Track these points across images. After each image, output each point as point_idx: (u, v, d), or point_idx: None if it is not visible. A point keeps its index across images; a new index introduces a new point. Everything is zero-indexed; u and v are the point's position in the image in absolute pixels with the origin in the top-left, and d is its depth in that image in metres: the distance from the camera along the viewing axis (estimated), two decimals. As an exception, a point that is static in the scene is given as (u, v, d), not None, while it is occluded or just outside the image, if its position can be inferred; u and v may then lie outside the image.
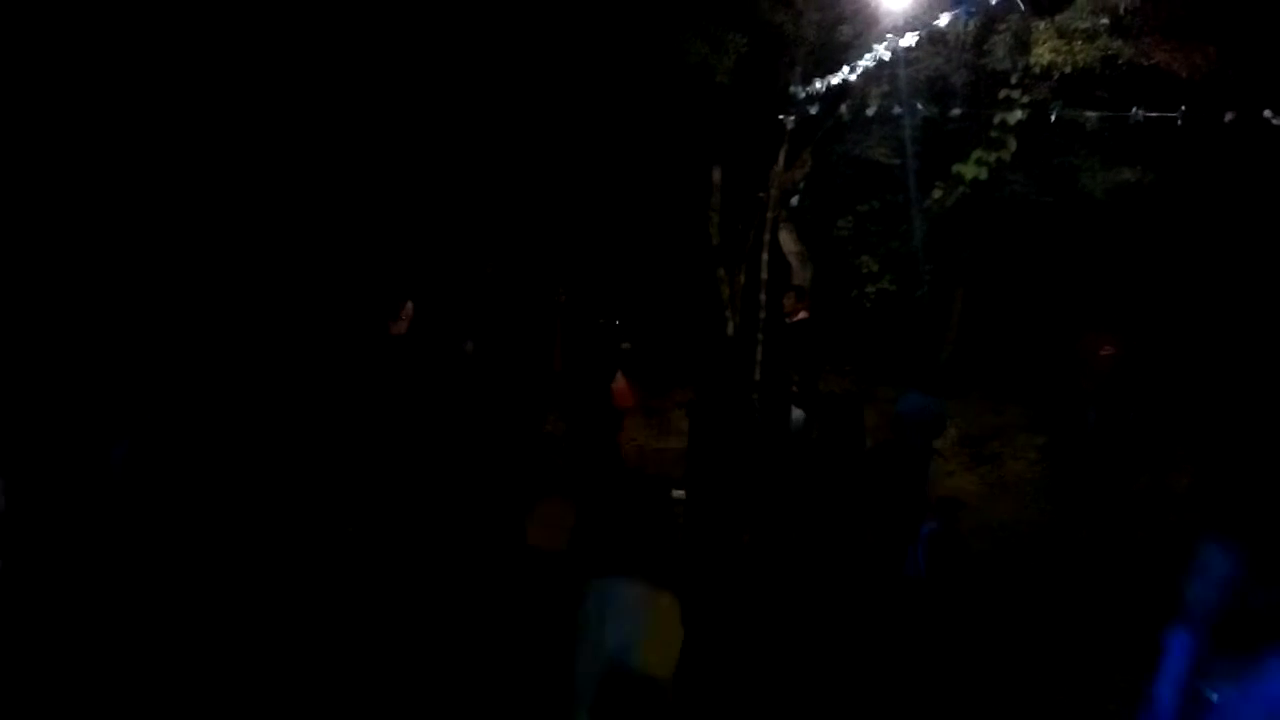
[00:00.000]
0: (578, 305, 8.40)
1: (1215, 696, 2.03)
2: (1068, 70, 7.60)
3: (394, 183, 8.42)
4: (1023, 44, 7.83)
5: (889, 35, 7.51)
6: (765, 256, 9.06)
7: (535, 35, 8.51)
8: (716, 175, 9.37)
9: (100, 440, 4.81)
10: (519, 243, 8.76)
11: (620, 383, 7.88)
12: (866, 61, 7.85)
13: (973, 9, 7.34)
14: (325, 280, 7.35)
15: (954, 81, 8.37)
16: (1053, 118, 8.02)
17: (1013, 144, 8.22)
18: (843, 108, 8.71)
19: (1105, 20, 7.46)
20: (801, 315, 8.29)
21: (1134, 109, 7.67)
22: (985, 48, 8.02)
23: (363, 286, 7.05)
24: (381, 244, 8.02)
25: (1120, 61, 7.59)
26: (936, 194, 8.87)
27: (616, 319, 8.12)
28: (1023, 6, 7.72)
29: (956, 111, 8.32)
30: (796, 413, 7.81)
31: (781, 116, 8.81)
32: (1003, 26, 7.88)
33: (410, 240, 8.21)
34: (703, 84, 8.55)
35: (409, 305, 6.62)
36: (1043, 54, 7.58)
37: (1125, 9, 7.35)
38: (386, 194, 8.39)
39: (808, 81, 8.59)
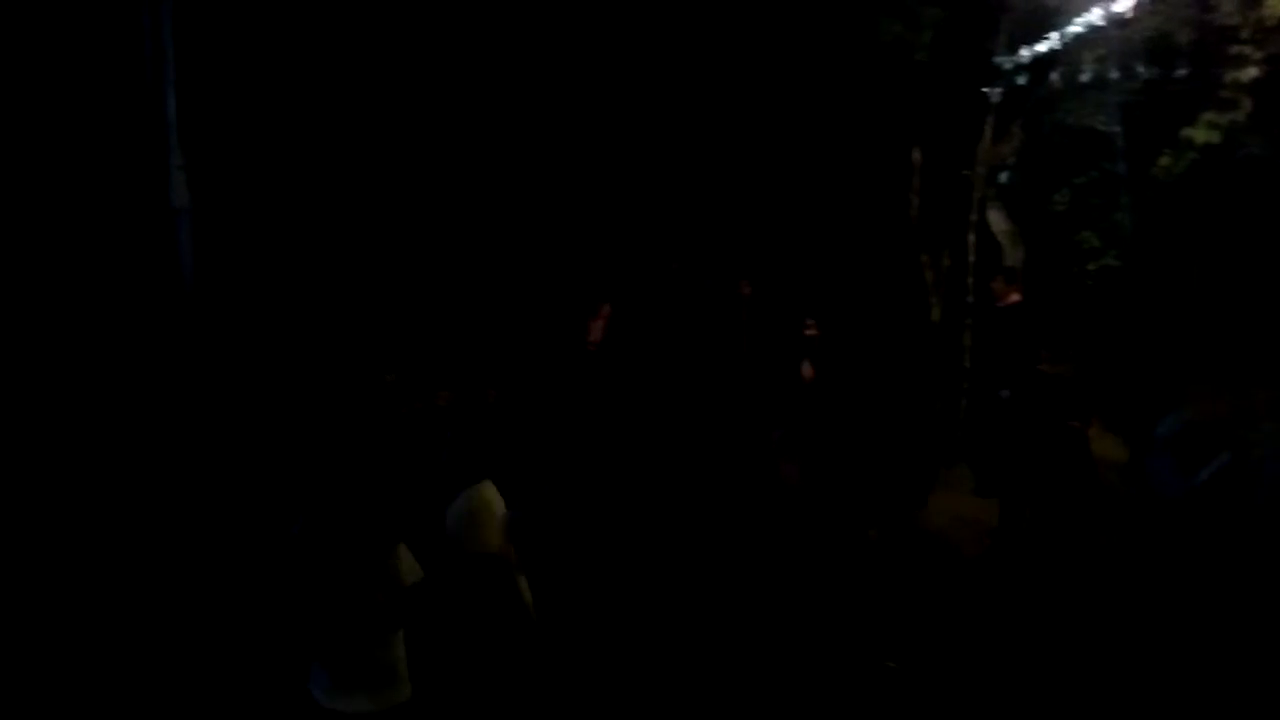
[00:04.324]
0: (765, 297, 8.79)
1: None
2: (1307, 20, 7.42)
3: (572, 172, 8.98)
4: (1254, -5, 7.70)
5: (1101, -4, 7.57)
6: (972, 238, 9.19)
7: (726, 19, 8.97)
8: (916, 156, 9.55)
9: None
10: (702, 234, 9.21)
11: (809, 369, 8.31)
12: (1078, 27, 7.92)
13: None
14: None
15: (1177, 40, 8.26)
16: (1291, 73, 7.83)
17: (1247, 104, 8.05)
18: (1053, 76, 8.75)
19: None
20: (1014, 298, 8.40)
21: (1386, 59, 7.41)
22: (1211, 2, 7.91)
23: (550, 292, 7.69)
24: (559, 245, 8.62)
25: (1369, 7, 7.36)
26: (1164, 161, 8.75)
27: (809, 308, 8.49)
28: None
29: (1181, 72, 8.23)
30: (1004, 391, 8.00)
31: (986, 89, 8.93)
32: (1231, -22, 7.77)
33: (589, 239, 8.78)
34: (899, 62, 8.80)
35: (606, 307, 7.18)
36: (1277, 4, 7.43)
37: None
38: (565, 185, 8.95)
39: (1013, 50, 8.69)
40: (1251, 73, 7.86)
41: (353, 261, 7.36)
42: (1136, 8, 7.71)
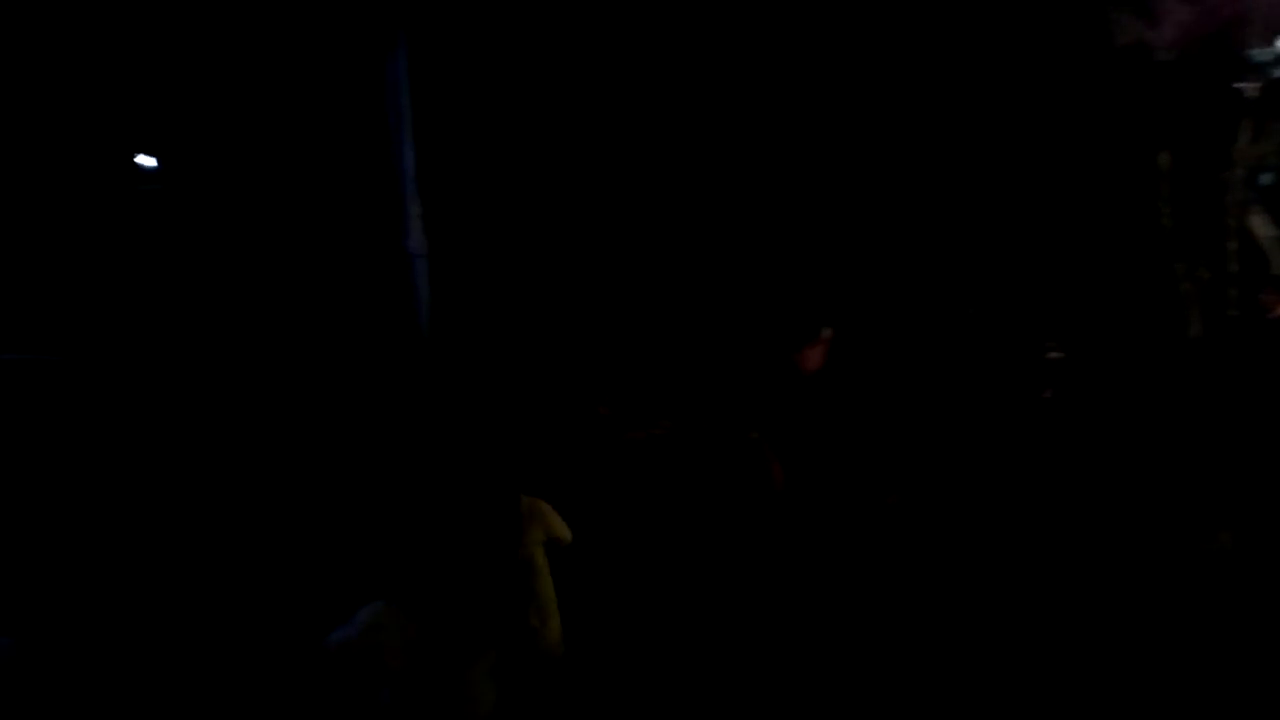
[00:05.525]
0: (992, 317, 8.51)
1: None
2: None
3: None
4: None
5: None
6: (1233, 246, 8.58)
7: (954, 25, 8.84)
8: (1165, 160, 9.02)
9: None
10: (929, 251, 9.03)
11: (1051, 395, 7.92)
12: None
13: None
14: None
15: None
16: None
17: None
18: (1318, 66, 8.09)
19: None
20: (1285, 310, 7.77)
21: None
22: None
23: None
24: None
25: None
26: None
27: (1045, 327, 8.12)
28: None
29: None
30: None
31: (1240, 85, 8.36)
32: None
33: (808, 257, 8.75)
34: (1139, 62, 8.41)
35: (828, 331, 7.13)
36: None
37: None
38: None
39: (1269, 41, 8.11)
40: None
41: (574, 297, 7.77)
42: None
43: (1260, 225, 8.82)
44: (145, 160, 7.69)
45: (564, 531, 4.54)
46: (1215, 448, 7.39)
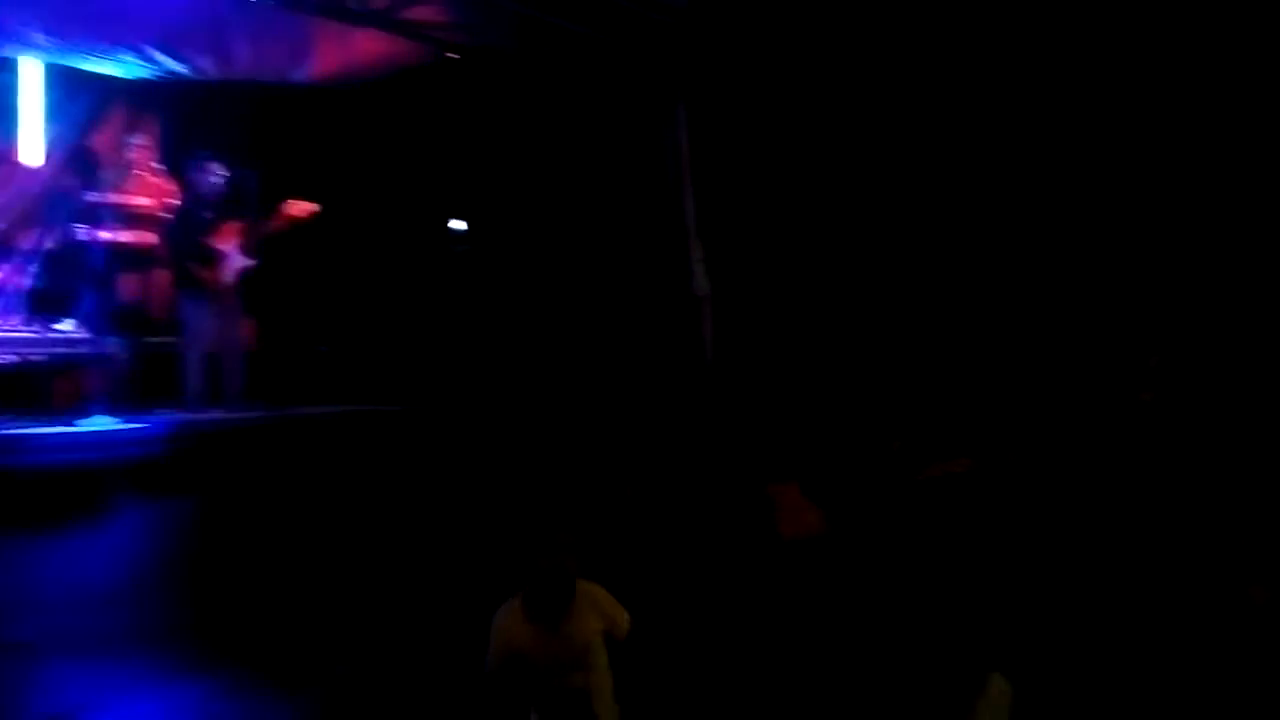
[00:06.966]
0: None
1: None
2: None
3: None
4: None
5: None
6: None
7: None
8: None
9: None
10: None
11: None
12: None
13: None
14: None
15: None
16: None
17: None
18: None
19: None
20: None
21: None
22: None
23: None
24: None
25: None
26: None
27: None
28: None
29: None
30: None
31: None
32: None
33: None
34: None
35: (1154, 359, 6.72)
36: None
37: None
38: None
39: None
40: None
41: (857, 333, 7.89)
42: None
43: None
44: (457, 224, 8.60)
45: (622, 621, 3.87)
46: None
